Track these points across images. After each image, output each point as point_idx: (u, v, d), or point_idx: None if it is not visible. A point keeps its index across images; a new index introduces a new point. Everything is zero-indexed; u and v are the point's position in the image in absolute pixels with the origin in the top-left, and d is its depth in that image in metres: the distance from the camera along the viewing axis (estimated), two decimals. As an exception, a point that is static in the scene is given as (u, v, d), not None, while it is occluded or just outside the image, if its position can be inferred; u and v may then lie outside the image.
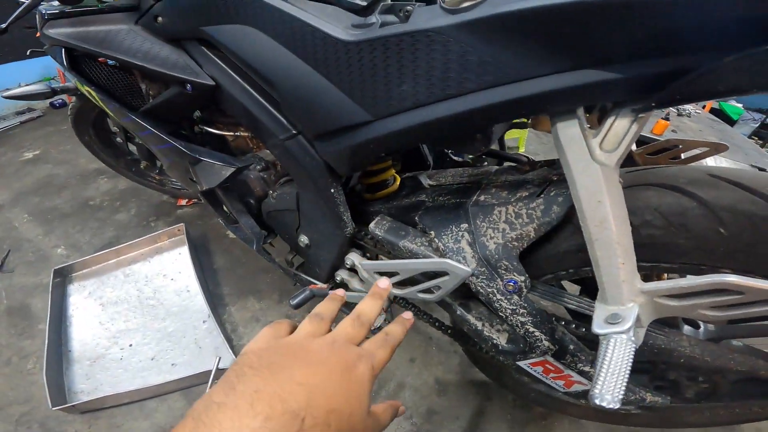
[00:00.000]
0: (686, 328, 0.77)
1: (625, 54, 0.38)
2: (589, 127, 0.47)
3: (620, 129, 0.44)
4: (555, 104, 0.45)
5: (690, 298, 0.48)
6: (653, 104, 0.40)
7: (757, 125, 3.10)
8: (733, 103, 3.29)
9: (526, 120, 0.96)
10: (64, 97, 2.70)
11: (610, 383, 0.44)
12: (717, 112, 3.09)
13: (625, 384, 0.44)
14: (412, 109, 0.52)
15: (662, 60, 0.37)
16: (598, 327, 0.50)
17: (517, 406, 1.05)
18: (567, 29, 0.39)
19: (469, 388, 1.10)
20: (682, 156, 0.80)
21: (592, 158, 0.46)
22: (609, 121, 0.45)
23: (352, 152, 0.61)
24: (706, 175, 0.51)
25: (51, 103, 2.72)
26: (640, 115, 0.43)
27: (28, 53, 1.36)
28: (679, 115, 2.50)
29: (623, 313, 0.49)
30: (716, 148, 0.74)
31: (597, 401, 0.44)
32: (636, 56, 0.38)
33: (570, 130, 0.46)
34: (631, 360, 0.45)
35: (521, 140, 2.29)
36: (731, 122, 3.05)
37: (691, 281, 0.45)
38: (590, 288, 0.77)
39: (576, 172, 0.47)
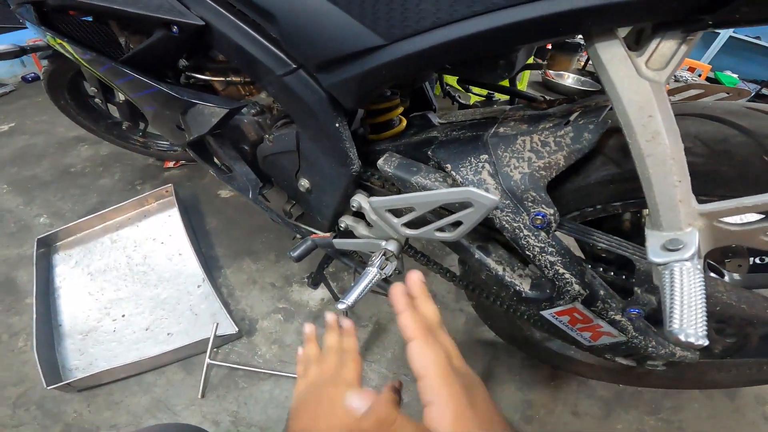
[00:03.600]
0: (711, 275, 0.74)
1: None
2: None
3: (667, 50, 0.40)
4: (593, 24, 0.40)
5: (752, 222, 0.43)
6: (709, 24, 0.36)
7: (752, 95, 3.13)
8: (729, 73, 3.37)
9: (542, 60, 0.90)
10: (36, 69, 2.64)
11: (689, 316, 0.39)
12: (712, 81, 3.19)
13: (705, 317, 0.39)
14: (431, 30, 0.46)
15: None
16: (655, 256, 0.44)
17: (525, 366, 1.02)
18: None
19: (476, 348, 1.06)
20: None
21: (639, 75, 0.41)
22: (655, 41, 0.40)
23: (361, 81, 0.55)
24: (743, 107, 0.49)
25: (23, 78, 2.61)
26: (689, 37, 0.39)
27: None
28: (676, 81, 2.51)
29: (683, 239, 0.43)
30: (739, 94, 0.70)
31: (681, 337, 0.38)
32: None
33: (611, 50, 0.42)
34: (704, 291, 0.40)
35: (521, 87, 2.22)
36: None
37: (757, 199, 0.40)
38: (610, 229, 0.72)
39: (622, 89, 0.42)
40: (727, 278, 0.73)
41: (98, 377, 0.95)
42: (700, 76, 3.17)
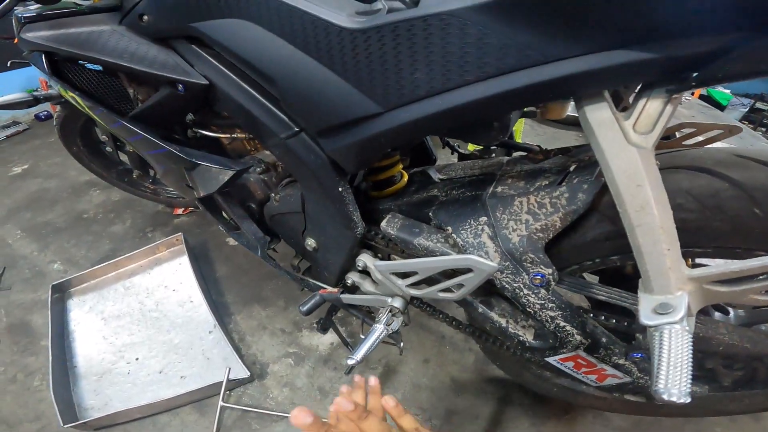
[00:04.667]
0: (716, 315, 0.75)
1: (661, 33, 0.35)
2: (619, 110, 0.44)
3: (653, 110, 0.42)
4: (582, 87, 0.42)
5: (741, 283, 0.45)
6: (693, 84, 0.38)
7: (746, 110, 3.15)
8: (721, 89, 3.34)
9: (535, 108, 0.93)
10: (49, 108, 2.65)
11: (674, 377, 0.41)
12: (706, 98, 3.13)
13: (690, 376, 0.41)
14: (426, 98, 0.48)
15: (702, 39, 0.34)
16: (646, 318, 0.46)
17: (537, 401, 1.02)
18: (596, 6, 0.36)
19: (487, 386, 1.06)
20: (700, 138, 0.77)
21: (627, 141, 0.43)
22: (641, 102, 0.42)
23: (360, 147, 0.58)
24: (733, 155, 0.49)
25: (36, 116, 2.65)
26: (674, 96, 0.41)
27: (8, 65, 1.31)
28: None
29: (673, 302, 0.45)
30: (730, 131, 0.72)
31: (665, 397, 0.41)
32: (673, 35, 0.35)
33: (600, 114, 0.44)
34: (690, 350, 0.42)
35: (517, 132, 2.24)
36: (720, 107, 3.13)
37: (743, 264, 0.42)
38: (609, 278, 0.74)
39: (611, 156, 0.44)
40: (732, 315, 0.74)
41: (114, 417, 0.97)
42: (693, 94, 3.14)
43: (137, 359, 1.14)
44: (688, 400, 0.41)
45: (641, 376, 0.64)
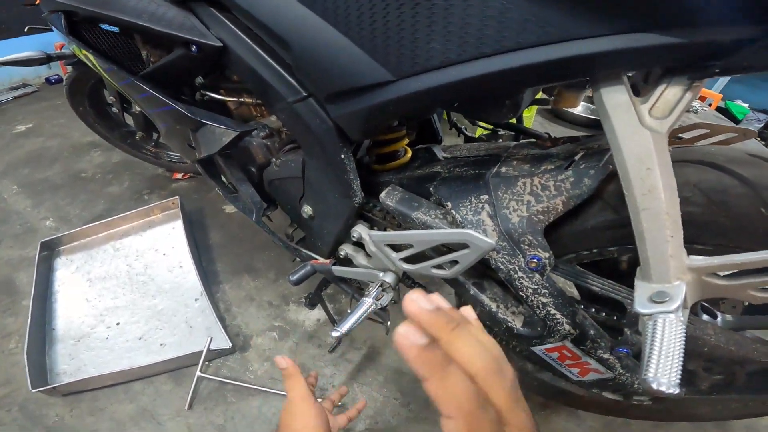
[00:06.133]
0: (704, 317, 0.74)
1: (688, 18, 0.34)
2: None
3: (672, 96, 0.41)
4: (601, 68, 0.42)
5: (740, 277, 0.44)
6: (716, 71, 0.37)
7: (761, 125, 3.10)
8: (739, 102, 3.27)
9: (548, 96, 0.92)
10: (60, 72, 2.70)
11: (665, 366, 0.40)
12: (722, 111, 3.07)
13: (680, 367, 0.40)
14: (440, 68, 0.48)
15: (729, 27, 0.34)
16: (641, 306, 0.45)
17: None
18: None
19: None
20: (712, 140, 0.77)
21: (641, 124, 0.42)
22: (660, 88, 0.41)
23: (368, 114, 0.57)
24: (746, 154, 0.49)
25: (47, 79, 2.66)
26: (694, 83, 0.40)
27: (26, 30, 1.33)
28: (686, 111, 2.50)
29: (670, 291, 0.44)
30: (744, 134, 0.71)
31: (654, 386, 0.39)
32: (700, 21, 0.34)
33: (616, 96, 0.43)
34: (683, 342, 0.41)
35: (527, 124, 2.24)
36: (736, 121, 3.06)
37: (745, 257, 0.41)
38: (602, 274, 0.73)
39: (623, 138, 0.43)
40: (720, 319, 0.74)
41: (85, 383, 0.95)
42: (710, 105, 3.03)
43: (118, 324, 1.12)
44: (677, 390, 0.39)
45: (623, 372, 0.64)
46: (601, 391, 0.72)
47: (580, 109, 2.63)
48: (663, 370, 0.40)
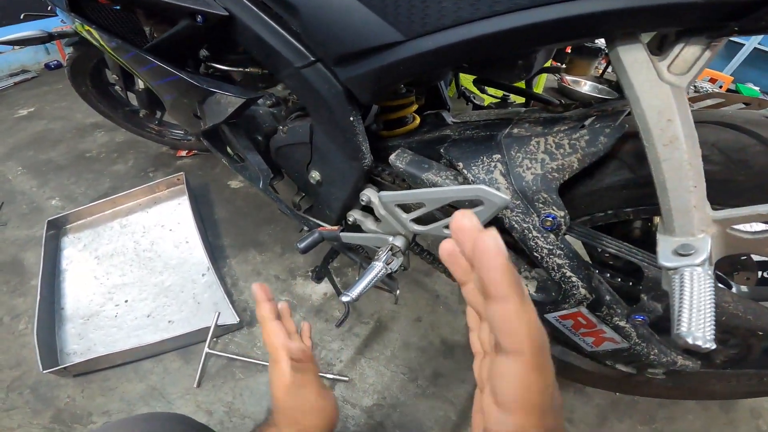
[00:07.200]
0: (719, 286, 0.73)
1: None
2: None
3: (690, 55, 0.41)
4: (618, 27, 0.41)
5: (766, 231, 0.42)
6: (735, 30, 0.36)
7: None
8: (750, 85, 3.24)
9: (560, 64, 0.90)
10: (59, 57, 2.68)
11: (698, 320, 0.38)
12: (734, 93, 3.03)
13: (713, 322, 0.38)
14: (451, 27, 0.46)
15: None
16: (665, 260, 0.44)
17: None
18: None
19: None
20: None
21: (660, 79, 0.42)
22: (678, 47, 0.41)
23: (378, 76, 0.56)
24: (764, 117, 0.48)
25: (46, 65, 2.65)
26: (713, 43, 0.39)
27: (21, 17, 1.30)
28: (696, 92, 2.46)
29: (695, 244, 0.43)
30: (759, 104, 0.70)
31: (689, 340, 0.38)
32: None
33: (634, 53, 0.42)
34: (714, 296, 0.39)
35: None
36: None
37: (773, 206, 0.39)
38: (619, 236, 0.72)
39: (641, 92, 0.43)
40: (734, 290, 0.73)
41: (95, 363, 0.95)
42: (721, 87, 3.06)
43: (126, 302, 1.12)
44: (713, 346, 0.38)
45: (638, 342, 0.63)
46: (614, 363, 0.71)
47: (587, 88, 2.59)
48: (696, 324, 0.39)
